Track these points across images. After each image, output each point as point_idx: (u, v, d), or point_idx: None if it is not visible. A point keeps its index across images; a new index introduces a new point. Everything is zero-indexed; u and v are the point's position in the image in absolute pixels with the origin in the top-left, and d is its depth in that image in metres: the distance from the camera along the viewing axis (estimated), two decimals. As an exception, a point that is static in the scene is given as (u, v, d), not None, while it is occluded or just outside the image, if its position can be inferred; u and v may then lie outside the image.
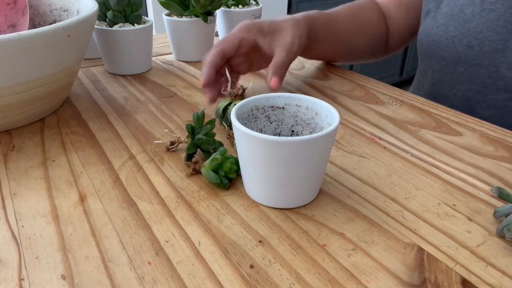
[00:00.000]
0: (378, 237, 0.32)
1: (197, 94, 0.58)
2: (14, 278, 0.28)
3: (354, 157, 0.43)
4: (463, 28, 0.54)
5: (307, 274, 0.29)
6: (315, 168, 0.33)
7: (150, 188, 0.37)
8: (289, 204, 0.35)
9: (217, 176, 0.36)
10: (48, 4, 0.59)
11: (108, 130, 0.48)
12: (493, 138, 0.47)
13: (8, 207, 0.35)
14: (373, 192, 0.37)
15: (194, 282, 0.28)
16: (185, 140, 0.43)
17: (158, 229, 0.32)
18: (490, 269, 0.29)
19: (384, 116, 0.52)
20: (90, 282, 0.28)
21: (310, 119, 0.38)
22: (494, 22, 0.51)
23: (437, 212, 0.35)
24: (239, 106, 0.36)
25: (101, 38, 0.62)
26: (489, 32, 0.52)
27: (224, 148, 0.39)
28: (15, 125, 0.47)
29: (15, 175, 0.39)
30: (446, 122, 0.51)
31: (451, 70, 0.57)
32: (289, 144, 0.30)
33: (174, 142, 0.43)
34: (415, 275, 0.29)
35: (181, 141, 0.43)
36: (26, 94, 0.44)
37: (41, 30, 0.40)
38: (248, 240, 0.31)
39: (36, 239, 0.31)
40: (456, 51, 0.55)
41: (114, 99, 0.56)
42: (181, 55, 0.72)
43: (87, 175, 0.39)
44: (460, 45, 0.55)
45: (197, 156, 0.40)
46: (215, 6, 0.67)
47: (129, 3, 0.62)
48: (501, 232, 0.32)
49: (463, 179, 0.39)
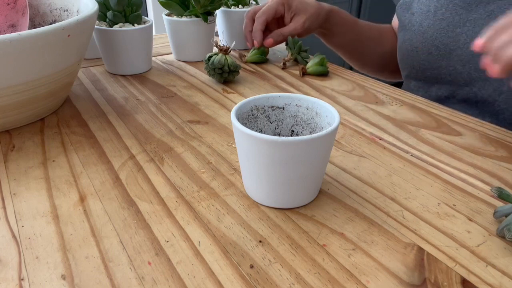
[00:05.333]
0: (378, 237, 0.32)
1: (197, 94, 0.58)
2: (14, 278, 0.28)
3: (354, 157, 0.43)
4: (423, 38, 0.64)
5: (307, 274, 0.29)
6: (315, 168, 0.33)
7: (150, 188, 0.37)
8: (289, 204, 0.35)
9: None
10: (48, 4, 0.59)
11: (108, 130, 0.48)
12: (493, 138, 0.47)
13: (8, 207, 0.35)
14: (373, 192, 0.37)
15: (194, 282, 0.28)
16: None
17: (158, 229, 0.32)
18: (490, 269, 0.29)
19: (384, 116, 0.52)
20: (90, 282, 0.28)
21: (310, 119, 0.38)
22: (445, 28, 0.61)
23: (437, 212, 0.35)
24: (239, 106, 0.36)
25: (101, 38, 0.62)
26: (442, 37, 0.61)
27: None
28: (15, 125, 0.47)
29: (15, 175, 0.39)
30: (446, 122, 0.51)
31: (421, 75, 0.66)
32: (289, 144, 0.30)
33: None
34: (415, 275, 0.29)
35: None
36: (26, 94, 0.44)
37: (41, 30, 0.40)
38: (248, 240, 0.31)
39: (36, 239, 0.31)
40: (420, 59, 0.65)
41: (114, 99, 0.56)
42: (181, 55, 0.72)
43: (87, 175, 0.39)
44: (422, 53, 0.64)
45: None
46: (215, 6, 0.67)
47: (129, 3, 0.62)
48: (501, 232, 0.32)
49: (463, 179, 0.39)
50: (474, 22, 0.58)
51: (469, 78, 0.60)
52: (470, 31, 0.58)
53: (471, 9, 0.59)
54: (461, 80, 0.61)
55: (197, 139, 0.46)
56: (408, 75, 0.70)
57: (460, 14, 0.60)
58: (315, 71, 0.65)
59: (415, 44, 0.65)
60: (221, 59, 0.59)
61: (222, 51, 0.60)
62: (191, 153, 0.43)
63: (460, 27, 0.59)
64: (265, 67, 0.69)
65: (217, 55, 0.60)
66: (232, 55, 0.75)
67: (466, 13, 0.59)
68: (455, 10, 0.60)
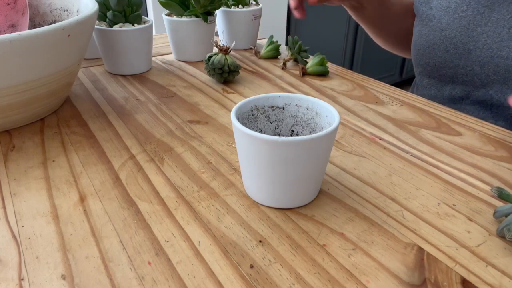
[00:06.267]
0: (378, 237, 0.32)
1: (197, 94, 0.58)
2: (14, 278, 0.28)
3: (354, 157, 0.43)
4: (441, 35, 0.62)
5: (307, 274, 0.29)
6: (315, 168, 0.33)
7: (150, 188, 0.37)
8: (289, 204, 0.35)
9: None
10: (48, 4, 0.59)
11: (108, 130, 0.48)
12: (493, 138, 0.47)
13: (8, 207, 0.35)
14: (373, 192, 0.37)
15: (194, 282, 0.28)
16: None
17: (158, 229, 0.32)
18: (490, 269, 0.29)
19: (384, 116, 0.52)
20: (90, 282, 0.28)
21: (310, 119, 0.38)
22: (465, 26, 0.59)
23: (437, 212, 0.35)
24: (239, 106, 0.36)
25: (101, 38, 0.62)
26: (461, 36, 0.59)
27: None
28: (15, 125, 0.47)
29: (15, 175, 0.39)
30: (446, 122, 0.51)
31: (436, 73, 0.64)
32: (289, 144, 0.30)
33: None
34: (415, 275, 0.29)
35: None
36: (26, 94, 0.44)
37: (41, 30, 0.40)
38: (248, 240, 0.31)
39: (36, 239, 0.31)
40: (436, 56, 0.63)
41: (114, 99, 0.56)
42: (181, 55, 0.72)
43: (87, 175, 0.39)
44: (439, 50, 0.62)
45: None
46: (215, 6, 0.67)
47: (129, 3, 0.62)
48: (501, 232, 0.32)
49: (463, 179, 0.39)
50: (496, 23, 0.56)
51: (486, 80, 0.58)
52: (491, 31, 0.56)
53: (493, 8, 0.56)
54: (478, 81, 0.59)
55: (197, 139, 0.46)
56: (422, 72, 0.68)
57: (482, 13, 0.57)
58: (315, 71, 0.65)
59: (432, 40, 0.62)
60: (221, 59, 0.59)
61: (222, 51, 0.60)
62: (191, 153, 0.43)
63: (481, 26, 0.57)
64: (265, 67, 0.69)
65: (217, 55, 0.60)
66: (232, 55, 0.75)
67: (488, 12, 0.57)
68: (477, 8, 0.58)
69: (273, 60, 0.73)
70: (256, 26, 0.78)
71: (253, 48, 0.76)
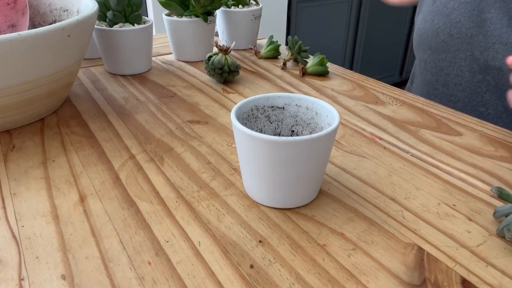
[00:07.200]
0: (378, 237, 0.32)
1: (197, 94, 0.58)
2: (14, 278, 0.28)
3: (354, 157, 0.43)
4: (446, 19, 0.64)
5: (307, 274, 0.29)
6: (315, 168, 0.33)
7: (150, 188, 0.37)
8: (289, 204, 0.35)
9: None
10: (48, 4, 0.59)
11: (108, 130, 0.48)
12: (493, 138, 0.47)
13: (8, 207, 0.35)
14: (373, 192, 0.37)
15: (194, 282, 0.28)
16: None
17: (158, 229, 0.32)
18: (490, 269, 0.29)
19: (384, 116, 0.52)
20: (90, 282, 0.28)
21: (310, 119, 0.38)
22: (470, 12, 0.60)
23: (437, 212, 0.35)
24: (239, 106, 0.36)
25: (101, 38, 0.62)
26: (466, 21, 0.61)
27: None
28: (15, 125, 0.47)
29: (15, 175, 0.39)
30: (446, 122, 0.51)
31: (435, 58, 0.67)
32: (289, 144, 0.30)
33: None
34: (415, 275, 0.29)
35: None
36: (26, 94, 0.44)
37: (41, 30, 0.40)
38: (248, 240, 0.31)
39: (36, 239, 0.31)
40: (440, 40, 0.65)
41: (114, 99, 0.56)
42: (181, 55, 0.72)
43: (87, 175, 0.39)
44: (443, 34, 0.64)
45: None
46: (215, 6, 0.67)
47: (129, 3, 0.62)
48: (501, 232, 0.32)
49: (463, 179, 0.39)
50: (499, 10, 0.57)
51: (484, 66, 0.60)
52: (494, 18, 0.58)
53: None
54: (476, 67, 0.61)
55: (197, 139, 0.46)
56: (419, 58, 0.70)
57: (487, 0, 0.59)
58: (315, 71, 0.65)
59: (437, 24, 0.64)
60: (221, 59, 0.59)
61: (222, 51, 0.61)
62: (191, 153, 0.43)
63: (485, 13, 0.59)
64: (265, 67, 0.69)
65: (217, 55, 0.60)
66: (232, 55, 0.75)
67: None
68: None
69: (273, 60, 0.73)
70: (256, 26, 0.78)
71: (253, 48, 0.76)
